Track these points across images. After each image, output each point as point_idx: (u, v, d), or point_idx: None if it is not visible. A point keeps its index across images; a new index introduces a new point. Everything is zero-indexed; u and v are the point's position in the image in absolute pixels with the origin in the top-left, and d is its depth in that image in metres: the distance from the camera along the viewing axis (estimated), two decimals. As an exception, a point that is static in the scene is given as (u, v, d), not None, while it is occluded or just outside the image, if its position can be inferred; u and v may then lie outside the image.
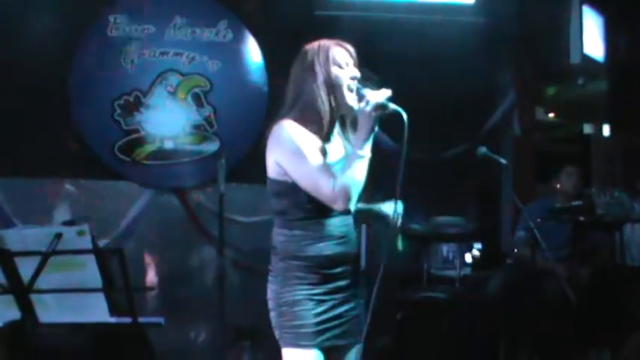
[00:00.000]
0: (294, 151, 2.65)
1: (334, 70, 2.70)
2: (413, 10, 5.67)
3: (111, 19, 5.46)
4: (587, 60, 6.11)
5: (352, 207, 2.64)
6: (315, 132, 2.70)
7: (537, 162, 6.49)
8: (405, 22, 5.62)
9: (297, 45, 2.88)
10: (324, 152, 2.68)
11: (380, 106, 2.58)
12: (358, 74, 2.70)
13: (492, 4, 5.73)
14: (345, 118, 2.79)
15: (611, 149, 7.15)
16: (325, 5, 5.55)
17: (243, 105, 5.63)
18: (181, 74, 5.56)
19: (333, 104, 2.70)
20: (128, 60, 5.47)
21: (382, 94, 2.60)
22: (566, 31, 5.98)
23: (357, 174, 2.59)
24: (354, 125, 2.75)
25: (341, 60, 2.72)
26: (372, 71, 2.84)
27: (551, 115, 7.68)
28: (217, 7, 5.65)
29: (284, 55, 2.99)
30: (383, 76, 2.83)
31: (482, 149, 4.67)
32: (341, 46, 2.75)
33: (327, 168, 2.63)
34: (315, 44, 2.77)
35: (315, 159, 2.63)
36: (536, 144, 6.78)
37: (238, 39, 5.66)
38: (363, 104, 2.61)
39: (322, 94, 2.69)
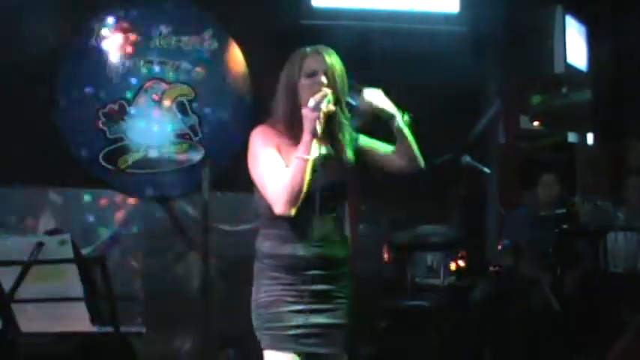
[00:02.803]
0: (252, 154, 2.76)
1: (301, 80, 2.74)
2: (398, 19, 5.69)
3: (96, 27, 5.45)
4: (571, 69, 6.16)
5: (292, 211, 2.65)
6: (286, 135, 2.77)
7: (522, 170, 6.51)
8: (390, 31, 5.64)
9: (282, 54, 2.90)
10: (287, 155, 2.71)
11: (314, 108, 2.62)
12: (322, 85, 2.70)
13: (477, 14, 5.76)
14: (333, 123, 2.79)
15: (595, 158, 7.19)
16: (311, 14, 5.55)
17: (228, 114, 5.63)
18: (166, 83, 5.55)
19: (293, 110, 2.74)
20: (113, 69, 5.46)
21: (320, 96, 2.64)
22: (549, 41, 6.02)
23: (296, 178, 2.62)
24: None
25: (309, 68, 2.74)
26: (357, 80, 2.86)
27: (535, 123, 7.71)
28: (202, 16, 5.65)
29: (269, 64, 3.01)
30: (368, 84, 2.85)
31: (466, 158, 4.70)
32: (315, 52, 2.77)
33: (274, 171, 2.68)
34: (295, 52, 2.83)
35: (267, 163, 2.70)
36: (521, 152, 6.81)
37: (223, 48, 5.67)
38: (304, 108, 2.66)
39: (283, 100, 2.77)
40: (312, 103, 2.63)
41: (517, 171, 6.45)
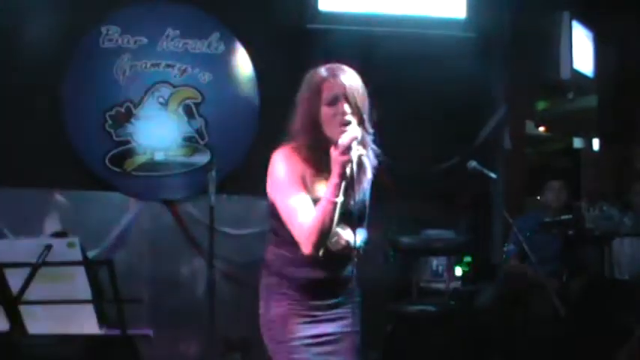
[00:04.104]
0: (276, 182, 2.64)
1: (323, 108, 2.61)
2: (405, 24, 5.69)
3: (103, 30, 5.47)
4: (577, 75, 6.16)
5: (319, 252, 2.55)
6: (310, 163, 2.66)
7: (527, 175, 6.51)
8: (396, 36, 5.65)
9: (288, 57, 2.91)
10: (312, 185, 2.64)
11: (344, 152, 2.48)
12: (347, 112, 2.58)
13: (483, 19, 5.77)
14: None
15: (601, 163, 7.19)
16: (317, 18, 5.55)
17: (235, 117, 5.64)
18: (173, 86, 5.57)
19: (315, 138, 2.63)
20: (120, 71, 5.48)
21: (348, 137, 2.49)
22: (556, 47, 6.02)
23: (325, 220, 2.51)
24: None
25: (330, 95, 2.60)
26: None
27: (541, 129, 7.72)
28: (209, 19, 5.66)
29: (275, 67, 3.01)
30: (373, 89, 2.83)
31: (473, 163, 4.69)
32: (334, 77, 2.62)
33: (301, 208, 2.57)
34: (311, 74, 2.69)
35: (294, 200, 2.59)
36: (527, 157, 6.81)
37: (230, 51, 5.68)
38: (332, 149, 2.52)
39: (303, 127, 2.64)
40: (340, 145, 2.48)
41: (523, 176, 6.45)
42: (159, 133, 5.55)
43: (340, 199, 2.52)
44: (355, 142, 2.49)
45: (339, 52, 2.86)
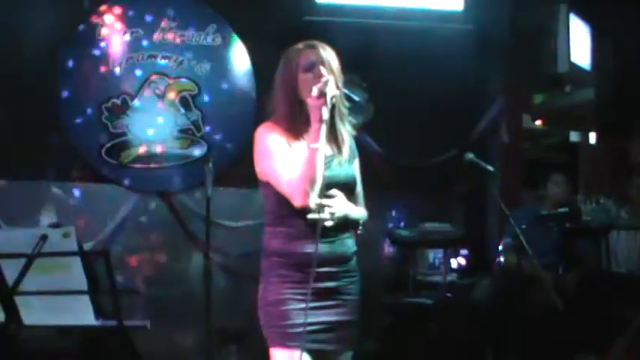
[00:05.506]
0: (261, 152, 2.75)
1: (300, 75, 2.73)
2: (402, 17, 5.68)
3: (99, 21, 5.45)
4: (575, 68, 6.15)
5: (311, 202, 2.62)
6: (291, 134, 2.75)
7: (524, 169, 6.51)
8: (394, 28, 5.64)
9: (285, 50, 2.90)
10: (294, 152, 2.71)
11: (320, 95, 2.60)
12: (323, 74, 2.67)
13: (481, 12, 5.76)
14: (334, 114, 2.76)
15: (598, 157, 7.19)
16: (314, 10, 5.55)
17: (231, 109, 5.63)
18: (169, 78, 5.55)
19: (294, 107, 2.74)
20: (116, 63, 5.46)
21: (322, 83, 2.61)
22: (553, 40, 6.01)
23: (311, 167, 2.60)
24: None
25: (306, 62, 2.73)
26: (360, 77, 2.85)
27: (538, 122, 7.70)
28: (206, 11, 5.64)
29: (272, 59, 3.00)
30: (371, 81, 2.84)
31: (470, 155, 4.68)
32: (310, 47, 2.76)
33: (288, 165, 2.67)
34: (288, 50, 2.82)
35: (280, 157, 2.69)
36: (524, 151, 6.80)
37: (227, 43, 5.66)
38: (309, 98, 2.64)
39: (283, 97, 2.76)
40: (315, 91, 2.60)
41: (519, 169, 6.45)
42: (155, 125, 5.54)
43: (323, 144, 2.59)
44: (329, 86, 2.60)
45: (336, 44, 2.85)
